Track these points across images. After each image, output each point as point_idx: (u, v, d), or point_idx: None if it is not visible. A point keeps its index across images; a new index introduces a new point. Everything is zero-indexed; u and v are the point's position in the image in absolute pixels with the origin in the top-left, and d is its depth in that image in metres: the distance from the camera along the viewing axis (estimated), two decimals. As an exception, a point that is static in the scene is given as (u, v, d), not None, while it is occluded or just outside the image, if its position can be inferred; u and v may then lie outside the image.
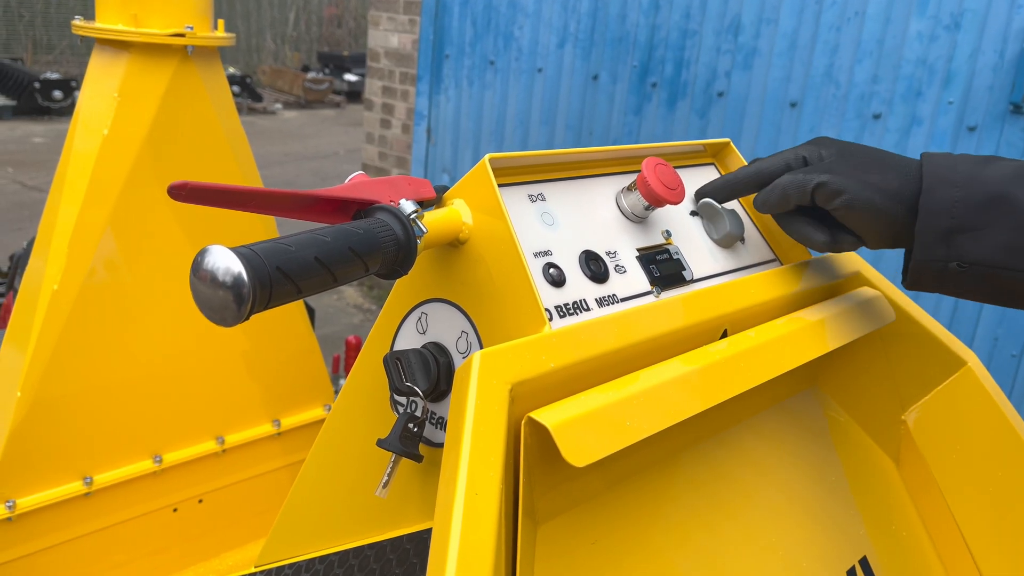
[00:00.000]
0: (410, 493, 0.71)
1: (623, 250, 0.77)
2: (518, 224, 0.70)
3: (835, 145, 0.77)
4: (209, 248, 0.50)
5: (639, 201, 0.78)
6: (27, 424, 1.34)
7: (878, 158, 0.74)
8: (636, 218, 0.80)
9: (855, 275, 0.91)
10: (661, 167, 0.77)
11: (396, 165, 4.92)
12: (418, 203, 0.68)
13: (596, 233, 0.76)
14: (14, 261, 2.01)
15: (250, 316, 0.50)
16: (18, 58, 11.57)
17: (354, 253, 0.57)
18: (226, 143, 1.46)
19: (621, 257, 0.76)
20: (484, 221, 0.68)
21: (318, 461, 0.80)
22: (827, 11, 3.07)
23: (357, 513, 0.75)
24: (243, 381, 1.65)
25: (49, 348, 1.33)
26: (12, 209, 6.19)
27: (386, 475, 0.67)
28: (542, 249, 0.71)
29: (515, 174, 0.73)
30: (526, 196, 0.73)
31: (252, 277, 0.50)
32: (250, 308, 0.50)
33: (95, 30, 1.30)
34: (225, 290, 0.50)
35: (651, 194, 0.76)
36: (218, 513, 1.67)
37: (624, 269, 0.75)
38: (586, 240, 0.75)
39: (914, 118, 2.94)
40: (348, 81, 12.91)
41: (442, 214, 0.68)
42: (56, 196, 1.36)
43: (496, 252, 0.67)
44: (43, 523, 1.41)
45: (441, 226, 0.67)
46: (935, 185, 0.69)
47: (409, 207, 0.64)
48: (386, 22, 4.76)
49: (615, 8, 3.68)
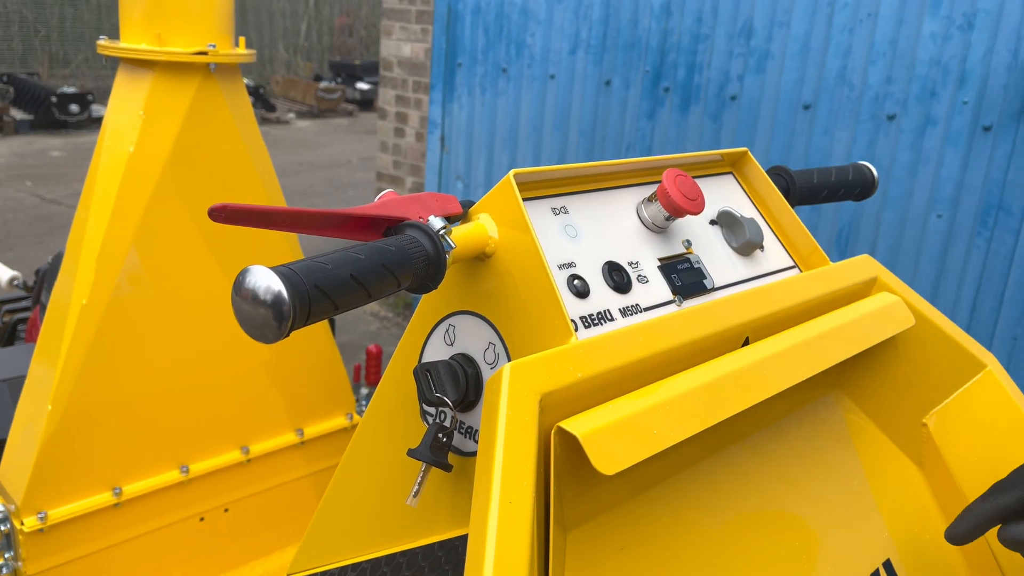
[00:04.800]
0: (440, 501, 0.73)
1: (645, 260, 0.78)
2: (542, 237, 0.71)
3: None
4: (250, 268, 0.52)
5: (660, 212, 0.80)
6: (58, 436, 1.37)
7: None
8: (657, 228, 0.81)
9: (874, 280, 0.92)
10: (681, 178, 0.79)
11: (410, 173, 4.95)
12: (446, 218, 0.70)
13: (618, 244, 0.77)
14: (40, 276, 2.05)
15: (290, 333, 0.52)
16: (35, 72, 11.70)
17: (387, 270, 0.58)
18: (248, 157, 1.48)
19: (643, 267, 0.77)
20: (510, 235, 0.70)
21: (349, 470, 0.82)
22: (839, 13, 3.07)
23: (388, 521, 0.77)
24: (266, 391, 1.68)
25: (79, 361, 1.36)
26: (32, 223, 6.27)
27: (417, 484, 0.69)
28: (566, 261, 0.72)
29: (538, 188, 0.75)
30: (549, 209, 0.75)
31: (292, 295, 0.52)
32: (290, 325, 0.52)
33: (120, 50, 1.33)
34: (266, 308, 0.51)
35: (672, 205, 0.78)
36: (243, 522, 1.69)
37: (646, 279, 0.77)
38: (608, 251, 0.76)
39: (929, 118, 2.94)
40: (360, 90, 12.99)
41: (469, 229, 0.70)
42: (83, 212, 1.39)
43: (522, 265, 0.69)
44: (74, 534, 1.43)
45: (468, 241, 0.69)
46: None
47: (438, 223, 0.66)
48: (398, 32, 4.79)
49: (627, 14, 3.69)
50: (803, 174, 1.04)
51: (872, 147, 3.07)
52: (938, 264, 2.99)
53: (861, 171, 1.08)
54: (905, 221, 3.03)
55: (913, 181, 2.99)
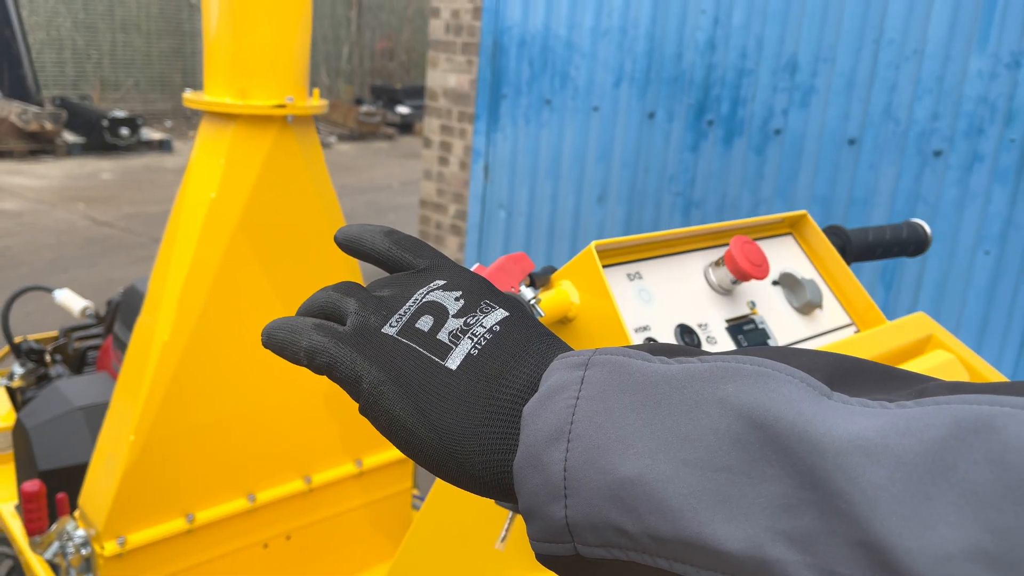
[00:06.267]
0: (522, 544, 0.78)
1: (713, 322, 0.83)
2: (621, 302, 0.77)
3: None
4: None
5: (727, 276, 0.85)
6: (139, 465, 1.44)
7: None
8: (723, 291, 0.86)
9: (929, 338, 0.96)
10: (747, 245, 0.84)
11: (453, 201, 5.04)
12: (531, 284, 0.75)
13: (688, 307, 0.83)
14: (112, 306, 2.15)
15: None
16: (87, 96, 12.07)
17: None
18: (318, 202, 1.56)
19: (712, 329, 0.83)
20: (590, 301, 0.75)
21: (433, 513, 0.87)
22: (884, 50, 3.10)
23: (472, 561, 0.82)
24: (326, 422, 1.75)
25: (160, 395, 1.44)
26: (85, 245, 6.46)
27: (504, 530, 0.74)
28: (642, 325, 0.77)
29: (615, 255, 0.81)
30: (625, 276, 0.80)
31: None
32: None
33: (205, 103, 1.42)
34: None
35: (739, 271, 0.83)
36: (304, 549, 1.76)
37: (715, 340, 0.82)
38: (680, 314, 0.81)
39: (976, 155, 2.95)
40: (400, 113, 13.20)
41: (553, 296, 0.75)
42: (167, 253, 1.48)
43: (602, 329, 0.75)
44: (150, 558, 1.51)
45: (554, 307, 0.74)
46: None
47: (529, 293, 0.72)
48: (444, 63, 4.90)
49: (671, 48, 3.76)
50: (858, 233, 1.08)
51: (918, 183, 3.09)
52: (986, 301, 2.99)
53: (915, 229, 1.12)
54: (952, 257, 3.04)
55: (960, 217, 3.00)
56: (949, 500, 0.29)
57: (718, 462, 0.35)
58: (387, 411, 0.45)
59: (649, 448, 0.37)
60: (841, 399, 0.34)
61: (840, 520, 0.31)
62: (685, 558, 0.36)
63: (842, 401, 0.34)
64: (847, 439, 0.32)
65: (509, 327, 0.47)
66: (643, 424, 0.38)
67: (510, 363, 0.45)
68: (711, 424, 0.36)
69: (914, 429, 0.31)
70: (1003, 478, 0.28)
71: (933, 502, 0.29)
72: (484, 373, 0.45)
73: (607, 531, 0.38)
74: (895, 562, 0.30)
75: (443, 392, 0.45)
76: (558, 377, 0.42)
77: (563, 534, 0.39)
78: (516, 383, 0.44)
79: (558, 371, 0.42)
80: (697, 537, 0.35)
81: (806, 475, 0.32)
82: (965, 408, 0.31)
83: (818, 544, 0.32)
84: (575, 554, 0.40)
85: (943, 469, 0.30)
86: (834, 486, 0.31)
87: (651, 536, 0.36)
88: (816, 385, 0.35)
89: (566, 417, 0.40)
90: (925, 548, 0.29)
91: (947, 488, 0.29)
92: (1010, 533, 0.28)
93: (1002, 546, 0.28)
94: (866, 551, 0.30)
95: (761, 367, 0.36)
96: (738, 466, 0.34)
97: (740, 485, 0.34)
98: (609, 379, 0.40)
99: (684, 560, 0.36)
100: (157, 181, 8.97)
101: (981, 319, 3.01)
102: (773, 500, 0.33)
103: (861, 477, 0.31)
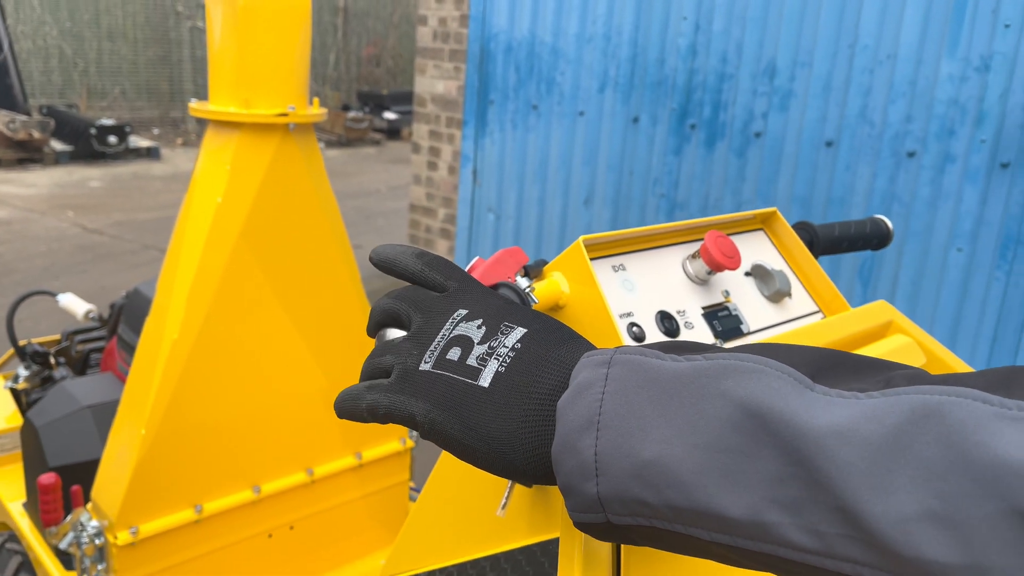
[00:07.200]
0: (521, 512, 0.86)
1: (690, 309, 0.92)
2: (607, 291, 0.85)
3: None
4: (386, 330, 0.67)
5: (703, 267, 0.93)
6: (150, 458, 1.52)
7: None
8: (700, 281, 0.95)
9: (889, 323, 1.05)
10: (721, 239, 0.92)
11: (442, 205, 5.12)
12: (525, 275, 0.84)
13: (668, 295, 0.91)
14: (115, 309, 2.21)
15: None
16: (73, 105, 12.07)
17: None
18: (319, 206, 1.63)
19: (689, 315, 0.91)
20: (579, 290, 0.84)
21: (438, 484, 0.95)
22: (860, 55, 3.21)
23: (474, 530, 0.90)
24: (326, 417, 1.82)
25: (170, 390, 1.51)
26: (75, 252, 6.49)
27: (505, 498, 0.82)
28: (626, 311, 0.86)
29: (601, 249, 0.89)
30: (610, 267, 0.89)
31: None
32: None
33: (210, 113, 1.49)
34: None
35: (713, 262, 0.91)
36: (307, 539, 1.83)
37: (692, 325, 0.90)
38: (660, 302, 0.90)
39: (948, 156, 3.06)
40: (387, 119, 13.27)
41: (545, 285, 0.84)
42: (175, 255, 1.55)
43: (590, 315, 0.83)
44: (161, 547, 1.58)
45: (546, 296, 0.83)
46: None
47: (524, 283, 0.80)
48: (432, 69, 4.98)
49: (654, 53, 3.85)
50: (825, 228, 1.17)
51: (893, 183, 3.19)
52: (959, 296, 3.09)
53: (878, 224, 1.21)
54: (926, 255, 3.14)
55: (933, 216, 3.10)
56: (906, 473, 0.38)
57: (722, 444, 0.43)
58: (441, 433, 0.55)
59: (665, 434, 0.46)
60: (822, 391, 0.43)
61: (821, 490, 0.40)
62: (697, 524, 0.44)
63: (823, 392, 0.43)
64: (825, 425, 0.40)
65: (529, 342, 0.56)
66: (659, 414, 0.46)
67: (534, 373, 0.54)
68: (715, 413, 0.44)
69: (878, 416, 0.40)
70: (948, 454, 0.37)
71: (893, 475, 0.38)
72: (513, 385, 0.54)
73: (632, 503, 0.47)
74: (864, 522, 0.38)
75: (482, 407, 0.54)
76: (586, 375, 0.50)
77: (596, 507, 0.48)
78: (543, 388, 0.53)
79: (585, 369, 0.51)
80: (707, 506, 0.44)
81: (793, 455, 0.41)
82: (919, 398, 0.39)
83: (804, 509, 0.41)
84: (607, 522, 0.49)
85: (901, 448, 0.38)
86: (815, 463, 0.40)
87: (669, 507, 0.45)
88: (801, 379, 0.44)
89: (595, 410, 0.48)
90: (888, 511, 0.38)
91: (904, 463, 0.38)
92: (954, 498, 0.36)
93: (948, 508, 0.36)
94: (842, 514, 0.39)
95: (756, 364, 0.45)
96: (738, 447, 0.43)
97: (740, 463, 0.43)
98: (630, 376, 0.49)
99: (697, 525, 0.45)
100: (146, 188, 9.00)
101: (955, 313, 3.11)
102: (767, 475, 0.42)
103: (836, 456, 0.39)
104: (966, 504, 0.35)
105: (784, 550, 0.42)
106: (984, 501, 0.35)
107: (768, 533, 0.42)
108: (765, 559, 0.43)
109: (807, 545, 0.41)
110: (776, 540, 0.42)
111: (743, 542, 0.43)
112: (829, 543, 0.40)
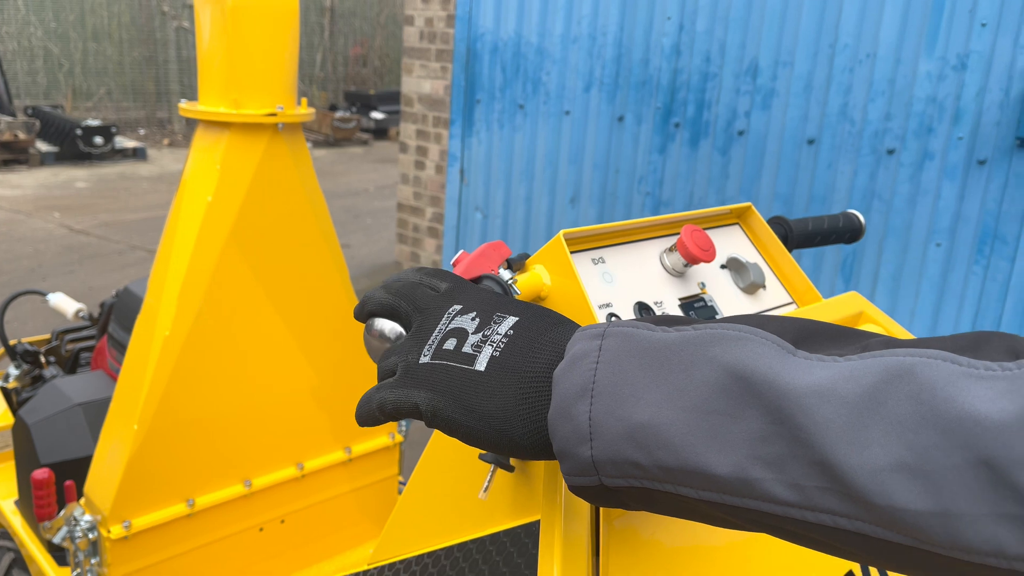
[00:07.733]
0: (504, 495, 0.90)
1: (667, 300, 0.95)
2: (586, 283, 0.89)
3: None
4: (375, 320, 0.70)
5: (679, 260, 0.97)
6: (143, 452, 1.54)
7: None
8: (676, 273, 0.98)
9: (860, 314, 1.09)
10: (696, 233, 0.96)
11: (430, 204, 5.15)
12: (508, 268, 0.87)
13: (645, 287, 0.95)
14: (105, 308, 2.23)
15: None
16: (58, 105, 12.01)
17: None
18: (307, 204, 1.66)
19: (666, 306, 0.95)
20: (560, 282, 0.87)
21: (425, 472, 0.98)
22: (840, 54, 3.26)
23: (459, 514, 0.94)
24: (316, 412, 1.85)
25: (162, 386, 1.54)
26: (62, 253, 6.47)
27: (487, 482, 0.86)
28: (605, 302, 0.89)
29: (581, 243, 0.93)
30: (590, 260, 0.92)
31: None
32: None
33: (201, 113, 1.52)
34: (391, 344, 0.69)
35: (689, 255, 0.95)
36: (297, 532, 1.86)
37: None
38: (638, 293, 0.93)
39: (926, 153, 3.11)
40: (374, 119, 13.27)
41: (528, 278, 0.87)
42: (166, 253, 1.57)
43: (571, 306, 0.86)
44: (154, 541, 1.60)
45: (529, 287, 0.86)
46: None
47: (507, 274, 0.83)
48: (419, 69, 5.01)
49: (638, 53, 3.89)
50: (799, 222, 1.21)
51: (873, 180, 3.25)
52: (938, 290, 3.15)
53: (850, 218, 1.25)
54: (906, 250, 3.20)
55: (913, 212, 3.16)
56: (880, 428, 0.41)
57: (709, 407, 0.47)
58: (443, 418, 0.58)
59: (656, 399, 0.49)
60: (803, 355, 0.46)
61: (801, 446, 0.43)
62: (686, 483, 0.47)
63: (804, 357, 0.46)
64: (806, 386, 0.44)
65: (521, 328, 0.59)
66: (650, 380, 0.49)
67: (528, 354, 0.57)
68: (703, 378, 0.47)
69: (855, 376, 0.43)
70: (918, 410, 0.40)
71: (868, 430, 0.41)
72: (508, 366, 0.57)
73: (625, 465, 0.50)
74: (842, 475, 0.41)
75: (479, 389, 0.57)
76: (580, 346, 0.53)
77: (590, 469, 0.51)
78: (537, 366, 0.56)
79: (580, 341, 0.54)
80: (695, 465, 0.47)
81: (775, 414, 0.44)
82: (894, 359, 0.43)
83: (786, 465, 0.44)
84: (600, 484, 0.52)
85: (875, 405, 0.41)
86: (796, 421, 0.43)
87: (659, 467, 0.48)
88: (784, 345, 0.47)
89: (589, 378, 0.51)
90: (863, 464, 0.41)
91: (878, 419, 0.41)
92: (924, 450, 0.39)
93: (918, 460, 0.39)
94: (821, 468, 0.42)
95: (741, 332, 0.48)
96: (724, 409, 0.46)
97: (726, 423, 0.46)
98: (622, 346, 0.52)
99: (685, 484, 0.48)
100: (132, 189, 8.98)
101: (934, 307, 3.17)
102: (751, 434, 0.45)
103: (816, 414, 0.43)
104: (936, 455, 0.38)
105: (768, 505, 0.44)
106: (952, 452, 0.38)
107: (752, 489, 0.44)
108: (750, 515, 0.46)
109: (789, 499, 0.43)
110: (760, 495, 0.44)
111: (729, 499, 0.46)
112: (809, 496, 0.43)
